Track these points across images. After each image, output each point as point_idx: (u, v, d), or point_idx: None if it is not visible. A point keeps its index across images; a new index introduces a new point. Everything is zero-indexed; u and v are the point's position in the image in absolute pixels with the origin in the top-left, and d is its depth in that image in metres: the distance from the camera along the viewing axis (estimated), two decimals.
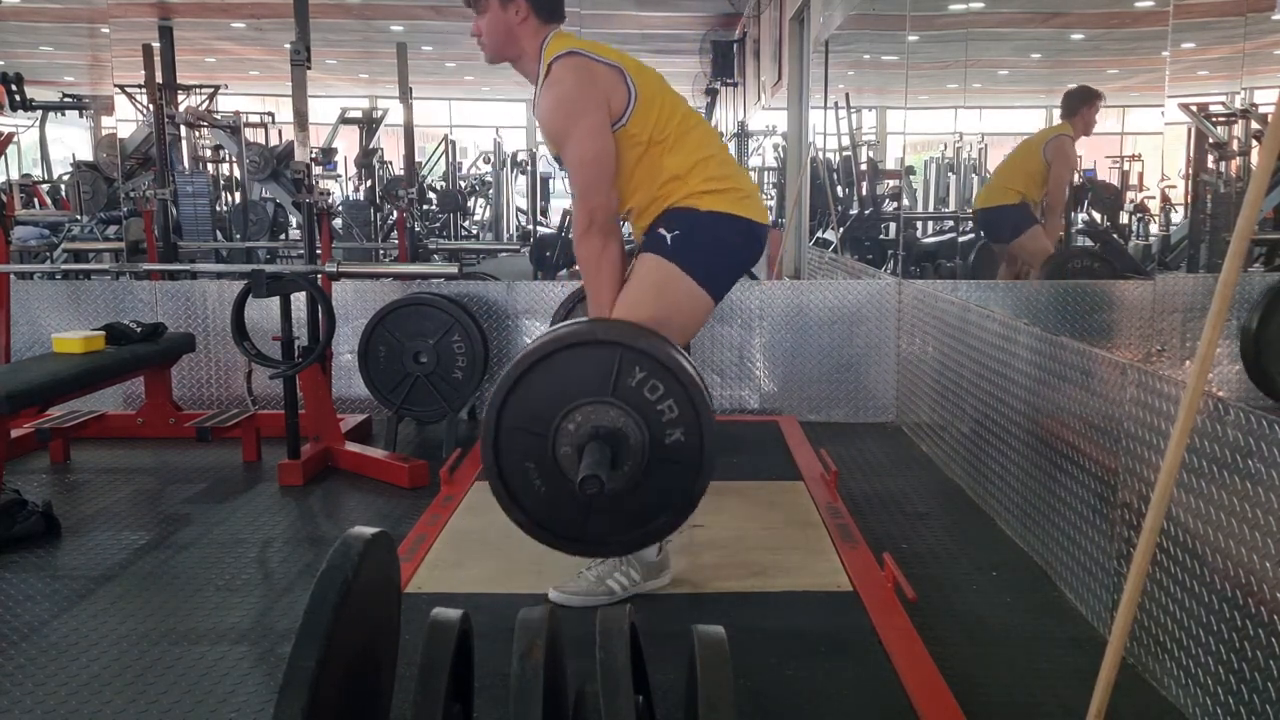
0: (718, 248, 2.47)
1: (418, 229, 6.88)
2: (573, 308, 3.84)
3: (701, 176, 2.44)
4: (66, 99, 8.54)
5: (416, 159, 7.17)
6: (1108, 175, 6.18)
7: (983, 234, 5.22)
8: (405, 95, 6.45)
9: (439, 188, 10.43)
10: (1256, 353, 3.43)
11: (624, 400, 2.08)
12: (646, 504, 2.13)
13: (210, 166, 8.38)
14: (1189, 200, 4.60)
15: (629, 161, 2.43)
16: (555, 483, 2.13)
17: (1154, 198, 5.21)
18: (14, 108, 6.06)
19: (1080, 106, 4.50)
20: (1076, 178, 6.27)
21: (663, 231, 2.44)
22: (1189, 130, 4.31)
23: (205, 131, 8.14)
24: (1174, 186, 4.81)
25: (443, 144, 11.09)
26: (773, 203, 10.56)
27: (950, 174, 7.32)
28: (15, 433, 3.73)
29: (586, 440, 2.06)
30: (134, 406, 4.29)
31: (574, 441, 2.08)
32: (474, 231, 11.39)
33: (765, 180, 10.94)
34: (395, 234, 7.31)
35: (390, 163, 10.17)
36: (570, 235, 2.50)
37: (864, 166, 7.39)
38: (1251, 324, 3.43)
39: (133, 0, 9.77)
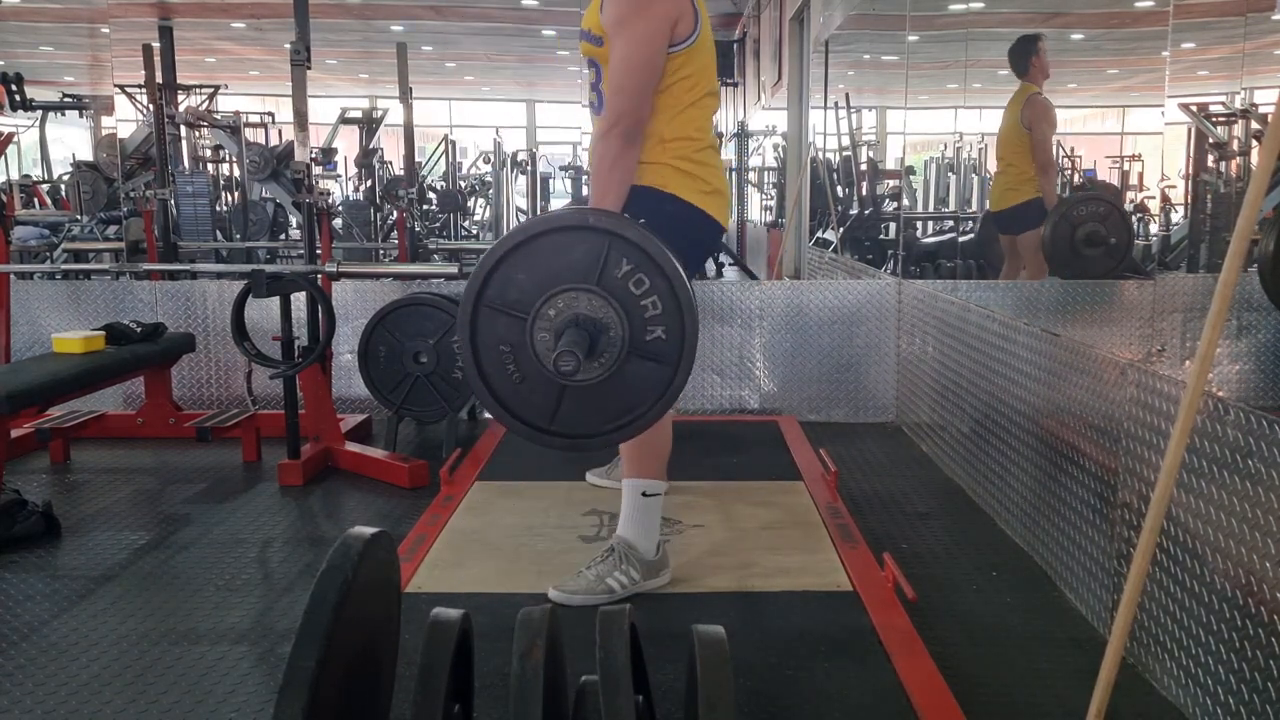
0: (682, 239, 2.42)
1: (418, 229, 6.88)
2: None
3: (680, 152, 2.40)
4: (66, 99, 8.54)
5: (416, 159, 7.18)
6: (1108, 175, 6.18)
7: (1001, 232, 5.19)
8: (405, 95, 6.46)
9: (439, 188, 10.42)
10: (1274, 268, 3.45)
11: (608, 290, 2.02)
12: (621, 398, 2.08)
13: (210, 166, 8.38)
14: (1189, 200, 4.60)
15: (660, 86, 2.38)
16: (530, 368, 2.07)
17: (1154, 198, 5.21)
18: (14, 108, 6.06)
19: (1029, 58, 4.50)
20: (1077, 170, 6.28)
21: (626, 215, 2.41)
22: (1189, 130, 4.30)
23: (205, 131, 8.15)
24: (1174, 186, 4.81)
25: (443, 144, 11.09)
26: (772, 203, 10.56)
27: (950, 174, 7.32)
28: (15, 433, 3.73)
29: (566, 326, 2.01)
30: (134, 406, 4.29)
31: (553, 327, 2.03)
32: (474, 231, 11.39)
33: (765, 180, 10.94)
34: (395, 234, 7.32)
35: (390, 163, 10.17)
36: None
37: (864, 166, 7.38)
38: (1268, 246, 3.42)
39: (133, 0, 9.77)
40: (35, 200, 8.92)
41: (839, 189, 7.34)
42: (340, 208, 8.45)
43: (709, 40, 2.44)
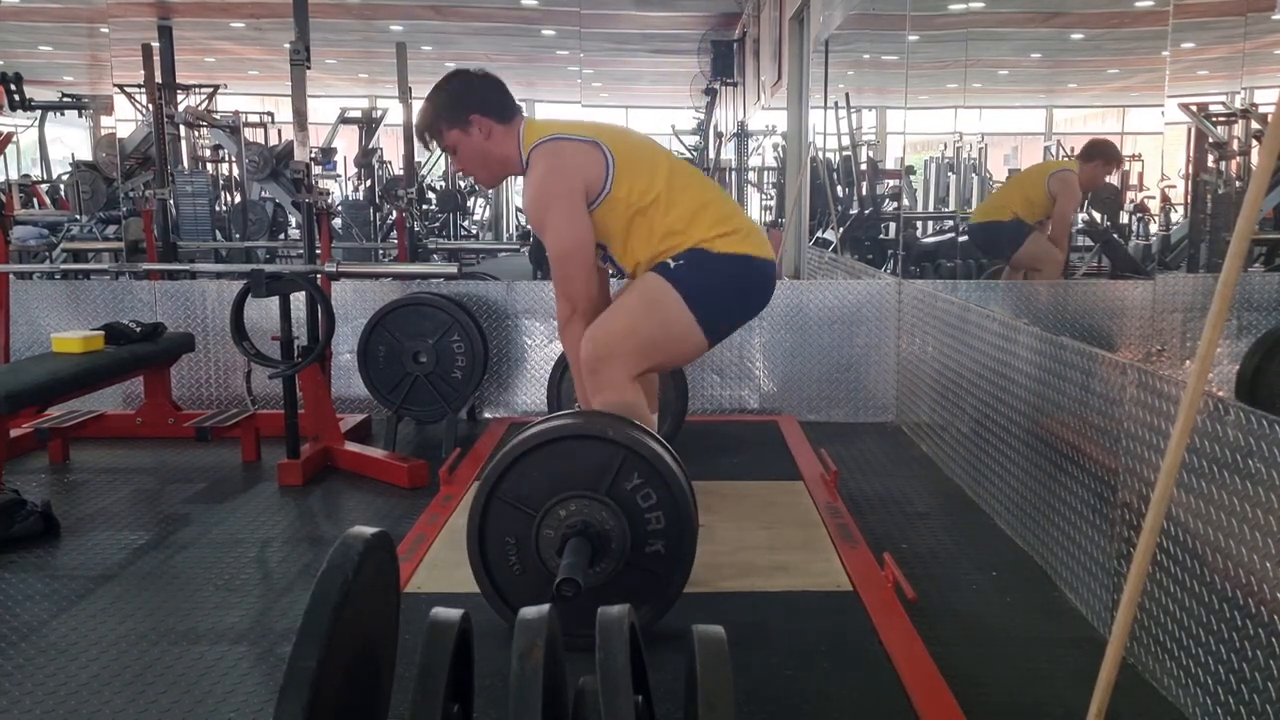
0: (724, 286, 2.50)
1: (417, 229, 6.88)
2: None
3: (706, 224, 2.47)
4: (66, 99, 8.53)
5: (416, 159, 7.17)
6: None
7: (980, 250, 5.25)
8: (405, 95, 6.45)
9: (438, 187, 10.41)
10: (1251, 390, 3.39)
11: (616, 501, 2.12)
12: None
13: (209, 166, 8.38)
14: (1189, 200, 4.60)
15: (622, 223, 2.47)
16: (530, 564, 2.16)
17: (1154, 198, 5.21)
18: (13, 107, 6.06)
19: (1099, 161, 4.57)
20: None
21: (669, 261, 2.46)
22: (1189, 130, 4.30)
23: (204, 131, 8.14)
24: (1174, 186, 4.81)
25: None
26: (772, 203, 10.56)
27: (950, 174, 7.32)
28: (14, 432, 3.73)
29: (572, 532, 2.09)
30: (133, 406, 4.29)
31: (559, 529, 2.11)
32: (473, 231, 11.39)
33: (765, 180, 10.94)
34: (395, 234, 7.31)
35: (390, 162, 10.16)
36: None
37: (864, 166, 7.38)
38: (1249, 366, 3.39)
39: (132, 0, 9.76)
40: (34, 200, 8.92)
41: (839, 189, 7.34)
42: (340, 208, 8.45)
43: (634, 148, 2.54)
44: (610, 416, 2.33)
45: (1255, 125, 4.03)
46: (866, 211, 6.99)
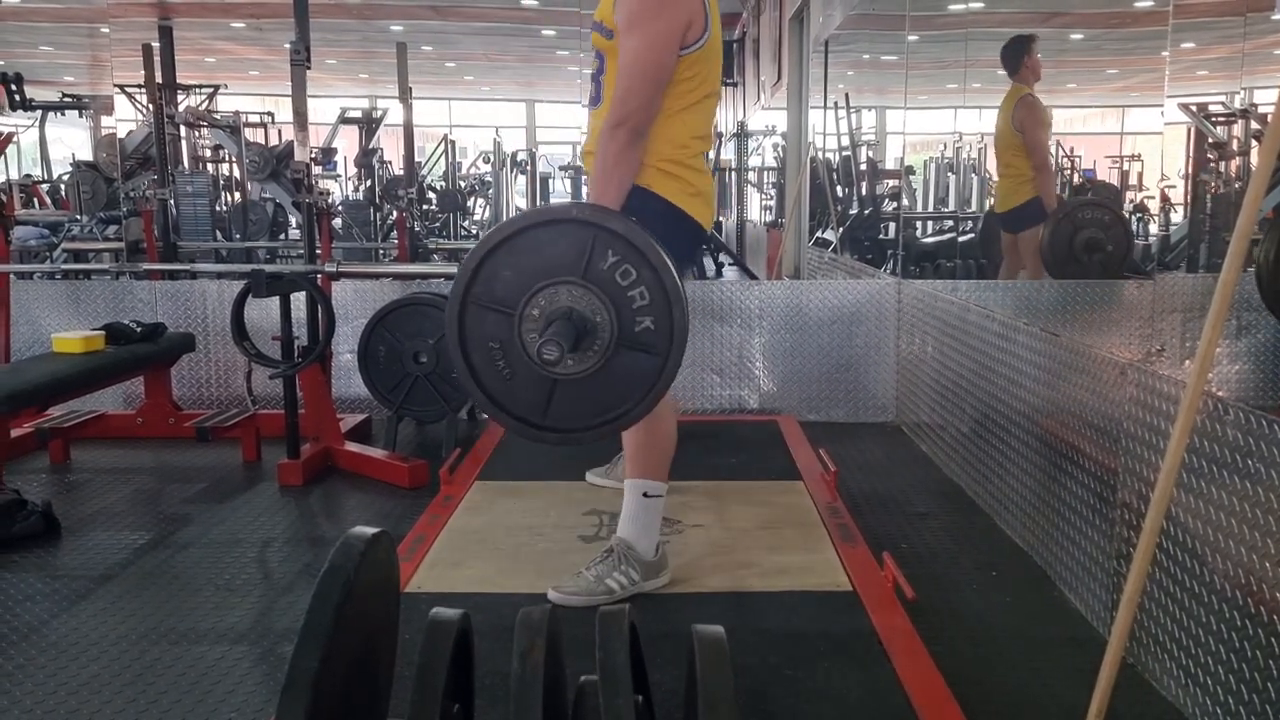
0: (668, 241, 2.42)
1: (417, 229, 6.88)
2: None
3: (667, 155, 2.39)
4: (66, 99, 8.53)
5: (416, 159, 7.17)
6: (1107, 175, 6.19)
7: (1001, 229, 5.20)
8: (405, 95, 6.45)
9: (439, 187, 10.42)
10: (1272, 274, 3.42)
11: (594, 283, 2.02)
12: (612, 391, 2.07)
13: (210, 166, 8.38)
14: (1188, 200, 4.60)
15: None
16: (519, 364, 2.07)
17: (1153, 198, 5.21)
18: (13, 107, 6.06)
19: (1021, 58, 4.50)
20: (1076, 170, 6.27)
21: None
22: (1188, 130, 4.31)
23: (205, 131, 8.15)
24: (1173, 186, 4.81)
25: (442, 144, 11.08)
26: (772, 203, 10.56)
27: (950, 174, 7.32)
28: (15, 432, 3.73)
29: (553, 320, 2.00)
30: (134, 406, 4.29)
31: (540, 322, 2.03)
32: (474, 231, 11.38)
33: (765, 180, 10.94)
34: (395, 234, 7.31)
35: (390, 163, 10.16)
36: None
37: (863, 166, 7.38)
38: (1269, 252, 3.40)
39: (132, 0, 9.77)
40: (35, 200, 8.92)
41: (838, 189, 7.34)
42: (340, 208, 8.45)
43: (718, 42, 2.44)
44: (573, 202, 2.24)
45: (1255, 125, 4.03)
46: (866, 211, 6.99)
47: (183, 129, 7.63)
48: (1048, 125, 4.71)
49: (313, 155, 3.84)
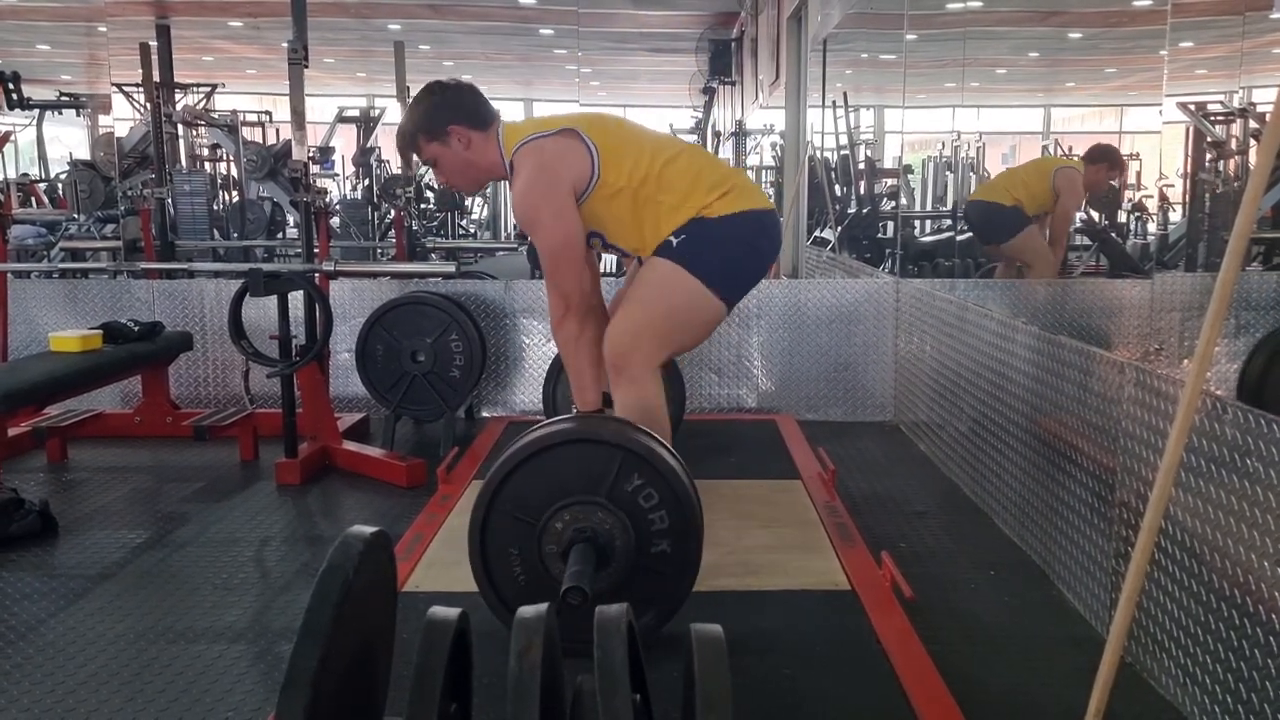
0: (727, 247, 2.49)
1: (415, 228, 6.87)
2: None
3: (701, 192, 2.48)
4: (64, 98, 8.51)
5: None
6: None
7: (973, 230, 5.23)
8: (402, 94, 6.43)
9: (436, 186, 10.41)
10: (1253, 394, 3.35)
11: (617, 504, 2.10)
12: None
13: (208, 165, 8.37)
14: (1187, 199, 4.59)
15: (624, 209, 2.47)
16: (535, 574, 2.14)
17: (1152, 197, 5.21)
18: (11, 106, 6.05)
19: (1104, 165, 4.56)
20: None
21: (671, 239, 2.46)
22: (1187, 129, 4.30)
23: (203, 130, 8.13)
24: (1172, 185, 4.80)
25: None
26: (771, 202, 10.55)
27: (948, 173, 7.31)
28: (12, 431, 3.72)
29: (575, 539, 2.07)
30: (131, 405, 4.29)
31: (561, 537, 2.10)
32: (471, 230, 11.37)
33: (764, 179, 10.93)
34: (393, 233, 7.30)
35: (388, 161, 10.15)
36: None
37: (862, 165, 7.38)
38: (1257, 370, 3.34)
39: None
40: (32, 199, 8.90)
41: (837, 188, 7.34)
42: (338, 206, 8.44)
43: (614, 132, 2.53)
44: (606, 418, 2.32)
45: (1253, 124, 4.03)
46: (864, 210, 6.99)
47: (180, 128, 7.62)
48: (1080, 204, 4.75)
49: (310, 154, 3.83)
